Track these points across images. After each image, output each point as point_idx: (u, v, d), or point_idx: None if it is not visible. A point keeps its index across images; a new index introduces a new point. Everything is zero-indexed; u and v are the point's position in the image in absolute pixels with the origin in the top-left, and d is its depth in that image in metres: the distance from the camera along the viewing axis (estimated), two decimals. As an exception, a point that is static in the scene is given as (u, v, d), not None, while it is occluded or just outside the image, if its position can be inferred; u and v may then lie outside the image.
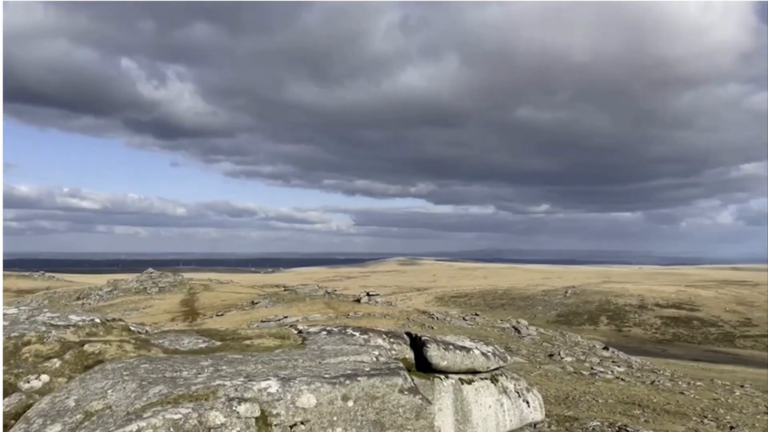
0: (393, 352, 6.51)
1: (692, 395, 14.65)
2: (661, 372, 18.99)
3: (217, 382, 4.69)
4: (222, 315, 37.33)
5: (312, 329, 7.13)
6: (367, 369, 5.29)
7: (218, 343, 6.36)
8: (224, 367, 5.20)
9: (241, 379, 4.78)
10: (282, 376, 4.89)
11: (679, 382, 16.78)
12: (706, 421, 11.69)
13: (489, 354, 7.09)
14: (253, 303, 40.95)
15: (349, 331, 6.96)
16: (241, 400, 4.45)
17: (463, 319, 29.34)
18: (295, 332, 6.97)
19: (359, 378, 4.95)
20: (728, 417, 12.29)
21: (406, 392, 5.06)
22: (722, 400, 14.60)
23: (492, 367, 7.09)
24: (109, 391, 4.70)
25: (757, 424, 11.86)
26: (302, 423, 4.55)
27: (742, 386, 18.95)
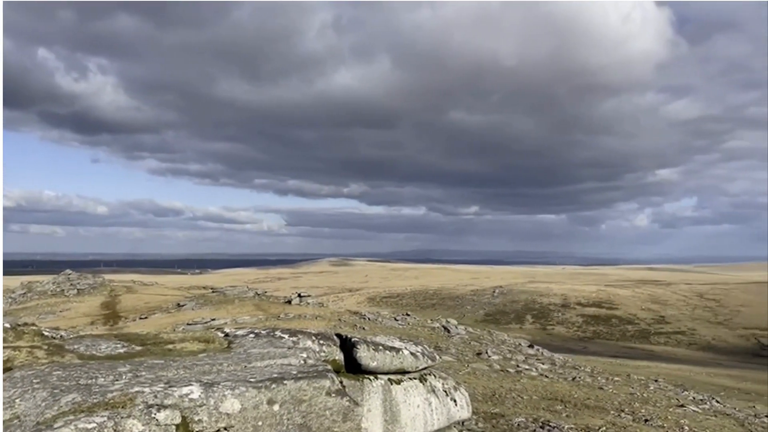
0: (322, 354, 6.44)
1: (610, 390, 15.31)
2: (582, 368, 19.77)
3: (136, 388, 4.48)
4: (145, 318, 35.98)
5: (239, 332, 6.95)
6: (295, 372, 5.20)
7: (138, 348, 6.10)
8: (144, 373, 4.97)
9: (162, 385, 4.59)
10: (205, 381, 4.73)
11: (599, 378, 17.51)
12: (623, 414, 12.24)
13: (418, 354, 7.13)
14: (178, 305, 39.67)
15: (278, 333, 6.83)
16: (161, 406, 4.27)
17: (395, 319, 29.51)
18: (221, 335, 6.78)
19: (286, 381, 4.85)
20: (643, 410, 12.92)
21: (333, 394, 5.01)
22: (638, 394, 15.33)
23: (421, 367, 7.13)
24: (18, 401, 4.40)
25: (669, 417, 12.53)
26: (225, 429, 4.41)
27: (656, 381, 20.00)
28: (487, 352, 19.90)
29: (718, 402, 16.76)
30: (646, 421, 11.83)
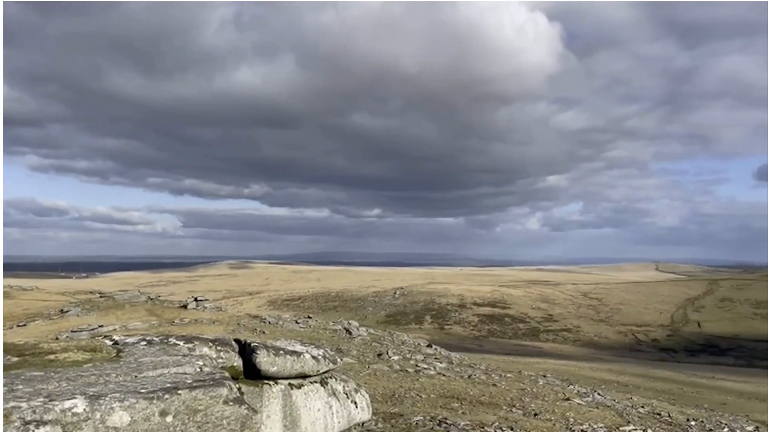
0: (220, 360, 6.25)
1: (503, 386, 15.98)
2: (478, 366, 20.50)
3: (11, 403, 4.12)
4: (24, 326, 33.23)
5: (129, 339, 6.59)
6: (190, 381, 4.99)
7: (15, 359, 5.62)
8: (21, 387, 4.58)
9: (41, 399, 4.25)
10: (91, 393, 4.43)
11: (493, 375, 18.23)
12: (514, 409, 12.82)
13: (319, 357, 7.10)
14: (62, 311, 36.97)
15: (172, 340, 6.54)
16: (40, 422, 3.96)
17: (296, 322, 29.18)
18: (110, 343, 6.39)
19: (180, 391, 4.65)
20: (533, 405, 13.60)
21: (231, 403, 4.87)
22: (528, 389, 16.11)
23: (322, 370, 7.11)
24: None
25: (556, 410, 13.27)
26: (114, 443, 4.16)
27: (544, 376, 21.12)
28: (387, 353, 20.15)
29: (599, 395, 17.95)
30: (536, 414, 12.46)
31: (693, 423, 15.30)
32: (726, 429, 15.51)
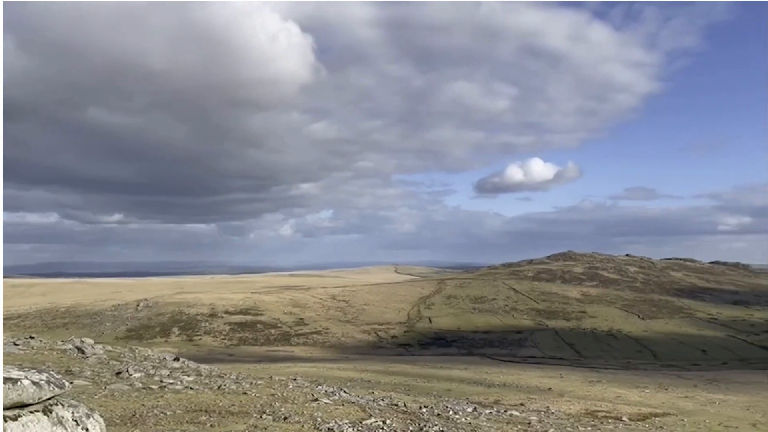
0: None
1: (254, 394, 15.91)
2: (228, 376, 20.07)
3: None
4: None
5: None
6: None
7: None
8: None
9: None
10: None
11: (243, 383, 18.02)
12: (264, 415, 12.85)
13: (42, 383, 6.25)
14: None
15: None
16: None
17: (14, 344, 25.18)
18: None
19: None
20: (283, 409, 13.79)
21: None
22: (279, 394, 16.30)
23: (45, 397, 6.27)
24: None
25: (305, 411, 13.67)
26: None
27: (294, 380, 21.56)
28: (128, 371, 18.58)
29: (345, 392, 18.97)
30: (285, 418, 12.66)
31: (424, 410, 17.10)
32: (451, 411, 17.65)
